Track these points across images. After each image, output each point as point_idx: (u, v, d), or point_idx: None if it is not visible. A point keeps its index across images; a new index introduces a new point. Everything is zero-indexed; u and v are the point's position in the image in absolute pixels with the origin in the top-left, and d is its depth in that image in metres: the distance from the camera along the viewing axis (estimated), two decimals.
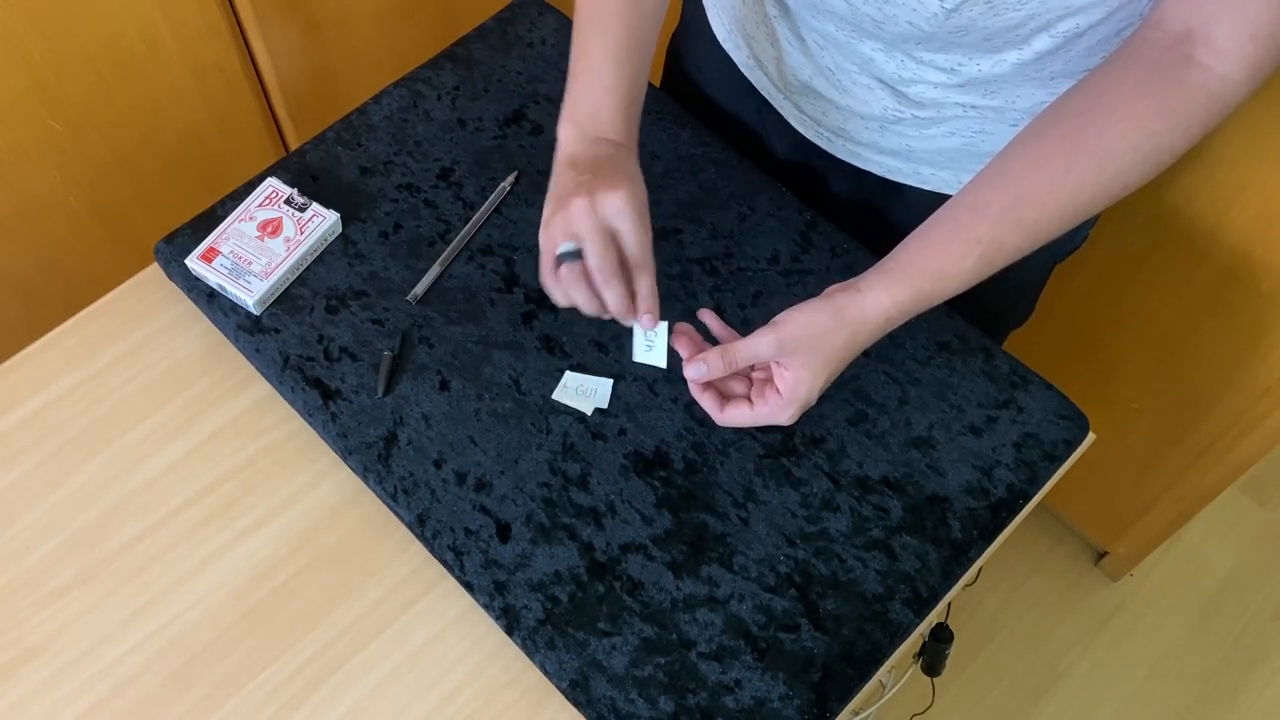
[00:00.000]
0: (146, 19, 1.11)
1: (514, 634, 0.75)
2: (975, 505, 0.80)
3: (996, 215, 0.67)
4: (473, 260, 0.89)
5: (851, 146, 0.89)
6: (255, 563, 0.79)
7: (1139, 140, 0.64)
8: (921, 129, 0.82)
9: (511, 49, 1.01)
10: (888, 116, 0.82)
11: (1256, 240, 1.09)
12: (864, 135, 0.86)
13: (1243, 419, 1.24)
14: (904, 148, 0.85)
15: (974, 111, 0.79)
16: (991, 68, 0.74)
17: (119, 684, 0.75)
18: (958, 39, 0.71)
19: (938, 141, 0.83)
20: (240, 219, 0.88)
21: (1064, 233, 0.68)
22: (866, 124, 0.85)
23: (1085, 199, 0.66)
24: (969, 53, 0.73)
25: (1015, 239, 0.67)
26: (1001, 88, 0.76)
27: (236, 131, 1.30)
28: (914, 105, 0.80)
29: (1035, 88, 0.76)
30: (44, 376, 0.86)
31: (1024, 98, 0.77)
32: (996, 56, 0.73)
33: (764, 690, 0.73)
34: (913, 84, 0.79)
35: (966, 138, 0.82)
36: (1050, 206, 0.66)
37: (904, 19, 0.70)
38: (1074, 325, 1.33)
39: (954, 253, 0.68)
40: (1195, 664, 1.59)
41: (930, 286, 0.69)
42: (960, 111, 0.80)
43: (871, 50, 0.78)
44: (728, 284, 0.89)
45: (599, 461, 0.81)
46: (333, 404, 0.82)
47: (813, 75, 0.85)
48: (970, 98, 0.78)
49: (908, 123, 0.82)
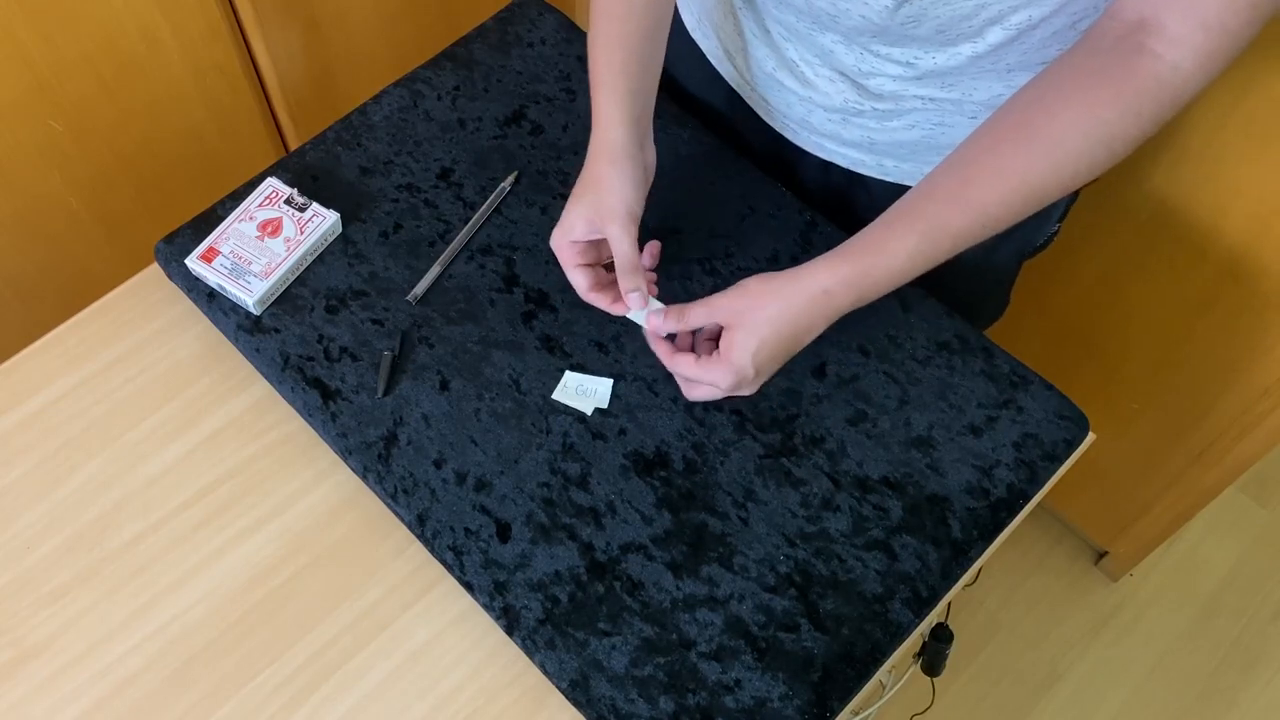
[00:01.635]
0: (146, 19, 1.11)
1: (514, 634, 0.75)
2: (975, 505, 0.80)
3: (943, 195, 0.69)
4: (473, 260, 0.89)
5: (816, 138, 0.90)
6: (255, 563, 0.79)
7: (1089, 126, 0.65)
8: (882, 121, 0.84)
9: (511, 49, 1.01)
10: (849, 109, 0.83)
11: (1255, 240, 1.09)
12: (827, 127, 0.87)
13: (1243, 419, 1.24)
14: (866, 140, 0.86)
15: (932, 104, 0.80)
16: (947, 60, 0.75)
17: (119, 684, 0.75)
18: (910, 31, 0.72)
19: (898, 134, 0.84)
20: (240, 219, 0.88)
21: (1018, 219, 0.68)
22: (829, 116, 0.86)
23: (1035, 182, 0.67)
24: (924, 46, 0.74)
25: (962, 220, 0.68)
26: (959, 80, 0.77)
27: (236, 132, 1.30)
28: (874, 98, 0.82)
29: (992, 80, 0.77)
30: (44, 377, 0.86)
31: (981, 90, 0.78)
32: (951, 49, 0.74)
33: (764, 690, 0.73)
34: (871, 76, 0.80)
35: (926, 130, 0.83)
36: (1000, 189, 0.67)
37: (856, 12, 0.72)
38: (1074, 325, 1.33)
39: (896, 229, 0.70)
40: (1195, 664, 1.59)
41: (870, 260, 0.70)
42: (919, 104, 0.81)
43: (832, 42, 0.79)
44: (728, 284, 0.88)
45: (599, 461, 0.81)
46: (333, 404, 0.82)
47: (776, 67, 0.86)
48: (928, 90, 0.79)
49: (868, 115, 0.83)
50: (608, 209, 0.76)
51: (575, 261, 0.78)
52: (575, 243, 0.78)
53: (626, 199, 0.76)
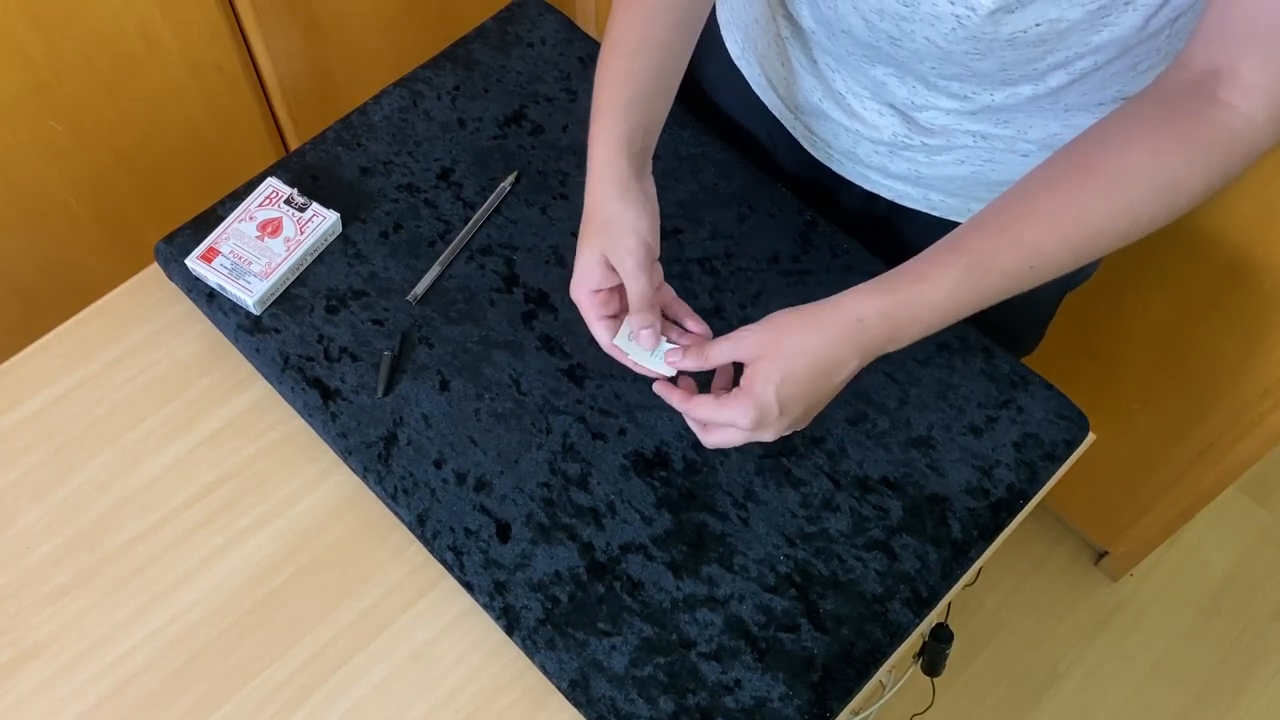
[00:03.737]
0: (146, 19, 1.11)
1: (514, 634, 0.75)
2: (975, 505, 0.80)
3: (993, 229, 0.64)
4: (473, 260, 0.89)
5: (861, 169, 0.88)
6: (255, 563, 0.79)
7: (1152, 171, 0.61)
8: (931, 155, 0.82)
9: (511, 49, 1.01)
10: (897, 142, 0.82)
11: (1256, 240, 1.09)
12: (874, 159, 0.86)
13: (1243, 419, 1.24)
14: (913, 173, 0.84)
15: (984, 141, 0.78)
16: (1005, 99, 0.73)
17: (119, 684, 0.75)
18: (971, 63, 0.69)
19: (947, 169, 0.82)
20: (240, 219, 0.88)
21: (1070, 265, 0.64)
22: (876, 148, 0.84)
23: (1093, 225, 0.62)
24: (983, 82, 0.72)
25: (1010, 256, 0.63)
26: (1014, 118, 0.75)
27: (236, 131, 1.30)
28: (924, 132, 0.80)
29: (1049, 119, 0.75)
30: (44, 377, 0.86)
31: (1036, 129, 0.76)
32: (1011, 89, 0.72)
33: (764, 690, 0.73)
34: (924, 110, 0.78)
35: (976, 166, 0.81)
36: (1053, 229, 0.63)
37: (921, 35, 0.68)
38: (1074, 325, 1.33)
39: (939, 261, 0.65)
40: (1195, 664, 1.59)
41: (908, 290, 0.65)
42: (970, 140, 0.78)
43: (884, 75, 0.77)
44: (728, 284, 0.89)
45: (599, 461, 0.81)
46: (333, 404, 0.82)
47: (823, 98, 0.84)
48: (982, 126, 0.77)
49: (917, 149, 0.81)
50: (624, 248, 0.70)
51: (600, 314, 0.73)
52: (597, 292, 0.73)
53: (642, 233, 0.70)
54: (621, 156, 0.71)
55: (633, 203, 0.71)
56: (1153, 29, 0.64)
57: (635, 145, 0.72)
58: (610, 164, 0.72)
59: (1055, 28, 0.64)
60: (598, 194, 0.72)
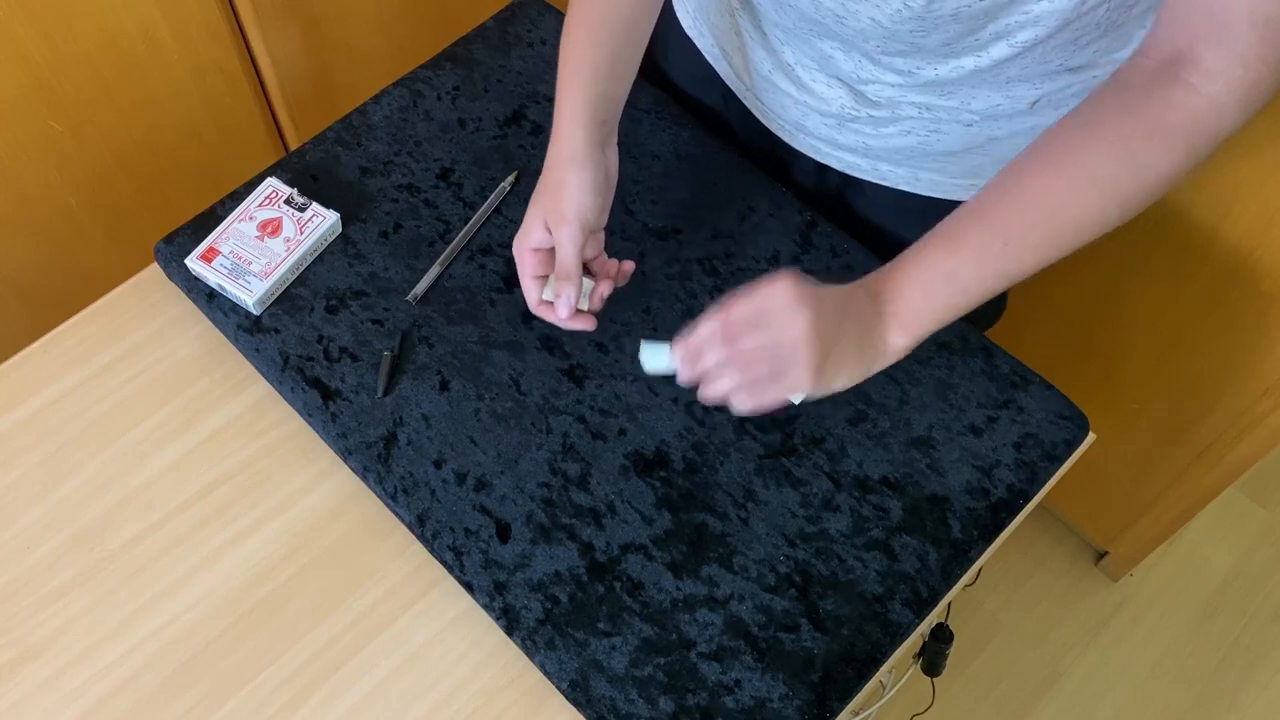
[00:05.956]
0: (146, 19, 1.11)
1: (514, 634, 0.75)
2: (975, 505, 0.80)
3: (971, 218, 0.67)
4: (473, 260, 0.89)
5: (811, 141, 0.90)
6: (255, 563, 0.79)
7: (1121, 157, 0.63)
8: (878, 127, 0.83)
9: (511, 49, 1.01)
10: (845, 114, 0.83)
11: (1256, 240, 1.09)
12: (822, 131, 0.87)
13: (1243, 419, 1.24)
14: (861, 145, 0.86)
15: (928, 112, 0.80)
16: (949, 72, 0.74)
17: (119, 684, 0.75)
18: (916, 40, 0.71)
19: (893, 140, 0.84)
20: (240, 219, 0.88)
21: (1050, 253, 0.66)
22: (825, 120, 0.86)
23: (1069, 219, 0.65)
24: (927, 57, 0.74)
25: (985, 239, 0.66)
26: (957, 89, 0.77)
27: (236, 131, 1.30)
28: (870, 104, 0.81)
29: (991, 90, 0.76)
30: (44, 377, 0.86)
31: (979, 100, 0.77)
32: (954, 62, 0.73)
33: (764, 690, 0.73)
34: (869, 83, 0.79)
35: (921, 137, 0.82)
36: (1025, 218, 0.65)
37: (865, 15, 0.70)
38: (1074, 325, 1.33)
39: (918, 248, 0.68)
40: (1195, 664, 1.59)
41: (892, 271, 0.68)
42: (916, 112, 0.80)
43: (830, 49, 0.78)
44: (728, 284, 0.89)
45: (599, 461, 0.81)
46: (333, 404, 0.82)
47: (773, 69, 0.86)
48: (926, 98, 0.79)
49: (864, 121, 0.83)
50: (558, 213, 0.75)
51: (533, 271, 0.78)
52: (536, 250, 0.78)
53: (582, 205, 0.75)
54: (580, 125, 0.75)
55: (583, 172, 0.75)
56: (1091, 4, 0.66)
57: (599, 114, 0.76)
58: (568, 132, 0.76)
59: None
60: (553, 158, 0.77)
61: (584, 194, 0.75)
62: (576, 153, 0.76)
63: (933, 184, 0.87)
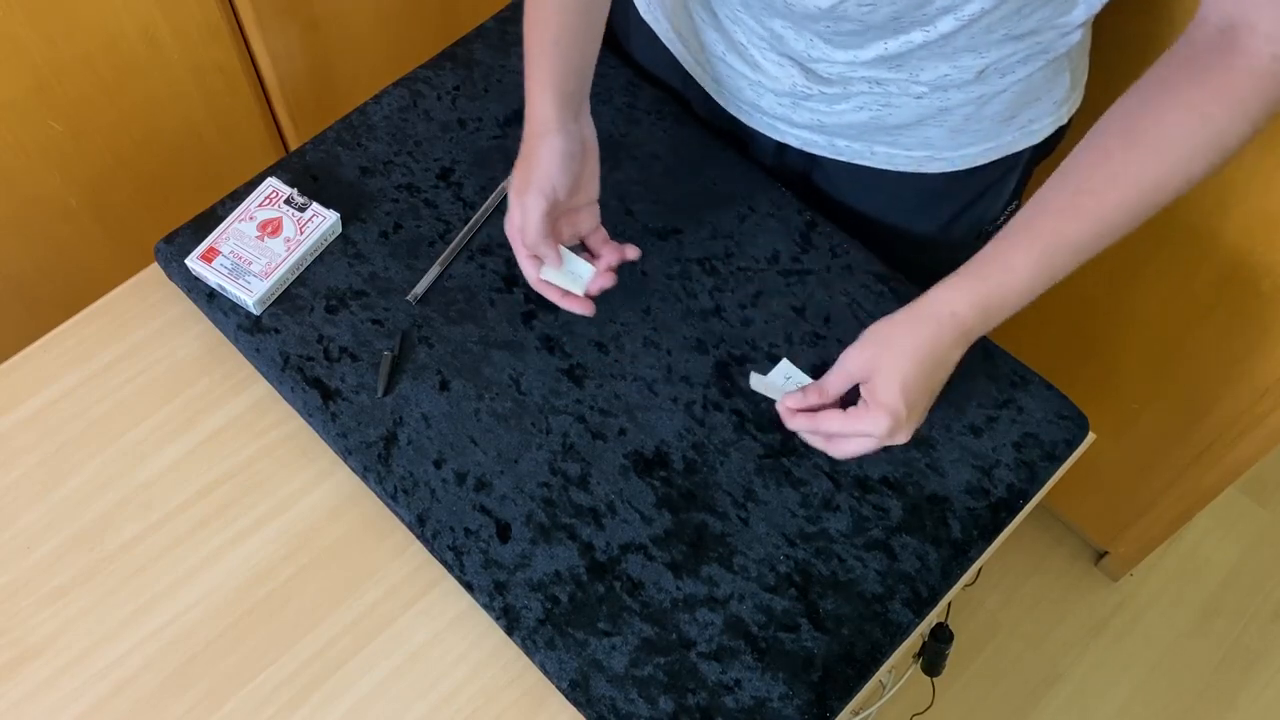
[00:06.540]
0: (146, 19, 1.11)
1: (514, 634, 0.75)
2: (975, 505, 0.80)
3: (1056, 209, 0.69)
4: (473, 260, 0.89)
5: (768, 120, 0.91)
6: (255, 563, 0.79)
7: (1195, 126, 0.65)
8: (830, 104, 0.84)
9: (511, 49, 1.01)
10: (797, 92, 0.84)
11: (1256, 240, 1.09)
12: (777, 110, 0.88)
13: (1243, 419, 1.24)
14: (815, 122, 0.87)
15: (879, 86, 0.81)
16: (898, 47, 0.75)
17: (119, 684, 0.75)
18: (864, 17, 0.72)
19: (846, 116, 0.85)
20: (240, 219, 0.88)
21: (1138, 223, 0.69)
22: (779, 99, 0.87)
23: (1149, 187, 0.67)
24: (877, 34, 0.75)
25: (1080, 230, 0.69)
26: (905, 62, 0.78)
27: (236, 131, 1.29)
28: (821, 81, 0.82)
29: (939, 61, 0.77)
30: (44, 377, 0.86)
31: (927, 71, 0.78)
32: (903, 37, 0.74)
33: (764, 690, 0.73)
34: (820, 61, 0.80)
35: (874, 111, 0.83)
36: (1112, 196, 0.68)
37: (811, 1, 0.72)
38: (1074, 325, 1.33)
39: (1016, 247, 0.70)
40: (1195, 664, 1.59)
41: (994, 280, 0.71)
42: (866, 87, 0.81)
43: (781, 27, 0.79)
44: (728, 284, 0.89)
45: (599, 461, 0.81)
46: (333, 404, 0.82)
47: (726, 50, 0.87)
48: (875, 72, 0.79)
49: (816, 98, 0.84)
50: (524, 182, 0.77)
51: (527, 251, 0.80)
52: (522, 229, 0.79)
53: (549, 173, 0.77)
54: (548, 98, 0.78)
55: (552, 140, 0.77)
56: None
57: (569, 85, 0.79)
58: (537, 106, 0.78)
59: None
60: (525, 134, 0.79)
61: (552, 162, 0.77)
62: (547, 123, 0.78)
63: (888, 157, 0.88)
